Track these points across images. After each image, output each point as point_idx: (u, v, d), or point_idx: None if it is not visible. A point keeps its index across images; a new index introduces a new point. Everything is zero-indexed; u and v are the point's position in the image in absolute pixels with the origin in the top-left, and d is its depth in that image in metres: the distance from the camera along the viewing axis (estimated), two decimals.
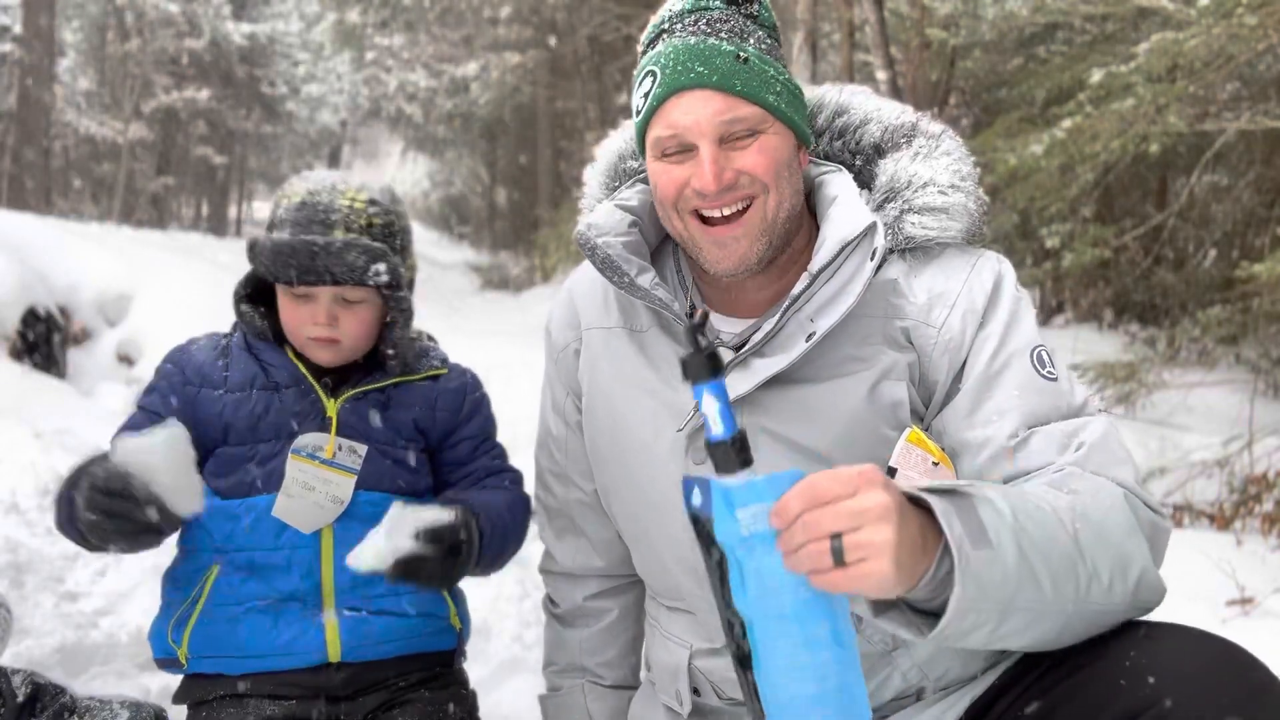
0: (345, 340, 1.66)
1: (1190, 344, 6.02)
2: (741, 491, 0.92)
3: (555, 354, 1.52)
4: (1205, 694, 0.97)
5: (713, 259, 1.28)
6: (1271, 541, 3.76)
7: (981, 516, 0.96)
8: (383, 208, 1.68)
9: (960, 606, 0.94)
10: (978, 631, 0.97)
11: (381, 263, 1.60)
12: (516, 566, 3.77)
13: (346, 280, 1.59)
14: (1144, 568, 1.07)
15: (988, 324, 1.25)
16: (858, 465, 0.92)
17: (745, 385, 1.25)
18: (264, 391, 1.69)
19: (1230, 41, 4.25)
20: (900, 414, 1.25)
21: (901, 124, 1.36)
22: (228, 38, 19.79)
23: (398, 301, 1.65)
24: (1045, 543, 0.99)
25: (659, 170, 1.29)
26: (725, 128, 1.23)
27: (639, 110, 1.30)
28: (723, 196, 1.24)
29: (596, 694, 1.59)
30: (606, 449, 1.43)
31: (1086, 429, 1.19)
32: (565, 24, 15.02)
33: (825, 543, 0.89)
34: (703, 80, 1.23)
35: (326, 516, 1.64)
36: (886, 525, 0.89)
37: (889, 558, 0.89)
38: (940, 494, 0.97)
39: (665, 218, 1.31)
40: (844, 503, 0.89)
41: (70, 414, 5.87)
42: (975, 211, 1.31)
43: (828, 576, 0.89)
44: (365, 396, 1.71)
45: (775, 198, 1.25)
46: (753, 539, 0.92)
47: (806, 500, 0.89)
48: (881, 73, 6.43)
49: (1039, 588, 0.98)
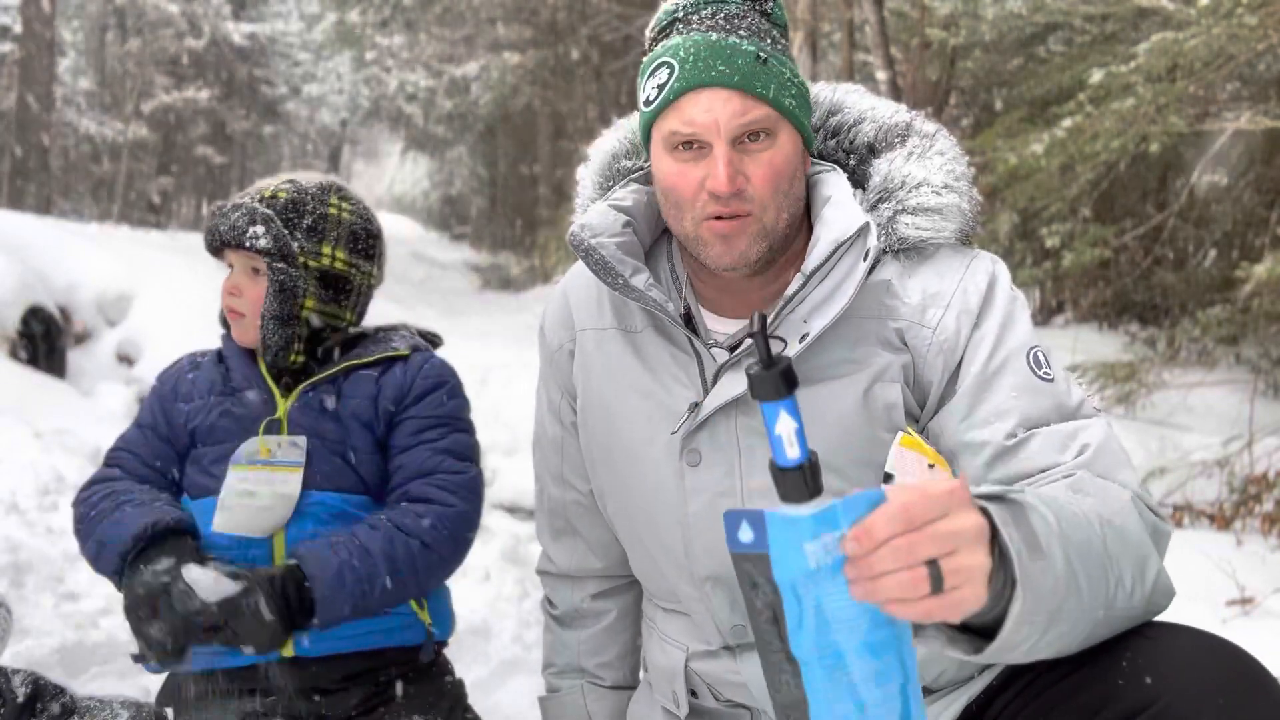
0: (248, 314, 1.69)
1: (1190, 344, 6.02)
2: (815, 522, 0.82)
3: (550, 355, 1.51)
4: (1202, 693, 0.97)
5: (716, 253, 1.26)
6: (1271, 541, 3.76)
7: (1033, 524, 0.94)
8: (298, 187, 1.72)
9: (1019, 619, 0.91)
10: (1024, 643, 0.94)
11: (260, 225, 1.64)
12: (516, 567, 3.78)
13: (230, 241, 1.66)
14: (1159, 570, 1.07)
15: (982, 325, 1.24)
16: (946, 483, 0.87)
17: (739, 387, 1.24)
18: (223, 397, 1.74)
19: (1230, 41, 4.24)
20: (894, 416, 1.24)
21: (895, 123, 1.35)
22: (228, 38, 19.79)
23: (276, 272, 1.65)
24: (1084, 549, 0.98)
25: (671, 169, 1.26)
26: (742, 129, 1.22)
27: (649, 101, 1.27)
28: (730, 203, 1.23)
29: (596, 695, 1.59)
30: (601, 451, 1.42)
31: (1087, 431, 1.18)
32: (565, 24, 15.02)
33: (921, 569, 0.82)
34: (724, 80, 1.21)
35: (277, 517, 1.64)
36: (981, 547, 0.86)
37: (983, 582, 0.86)
38: (993, 500, 0.94)
39: (675, 217, 1.29)
40: (937, 525, 0.83)
41: (70, 414, 5.86)
42: (969, 211, 1.30)
43: (919, 605, 0.82)
44: (315, 391, 1.71)
45: (774, 211, 1.24)
46: (820, 572, 0.82)
47: (900, 524, 0.82)
48: (881, 73, 6.43)
49: (1080, 595, 0.97)
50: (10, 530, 3.22)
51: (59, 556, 3.13)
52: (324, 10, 18.45)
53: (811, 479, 0.85)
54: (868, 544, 0.82)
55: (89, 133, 17.82)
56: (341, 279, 1.73)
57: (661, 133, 1.26)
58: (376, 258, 1.81)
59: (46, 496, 3.59)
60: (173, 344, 8.19)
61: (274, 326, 1.67)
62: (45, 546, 3.17)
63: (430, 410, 1.75)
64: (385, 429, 1.73)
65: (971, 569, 0.85)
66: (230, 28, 19.81)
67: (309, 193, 1.71)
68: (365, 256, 1.77)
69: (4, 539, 3.13)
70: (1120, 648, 1.04)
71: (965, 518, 0.85)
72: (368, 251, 1.77)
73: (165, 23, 18.27)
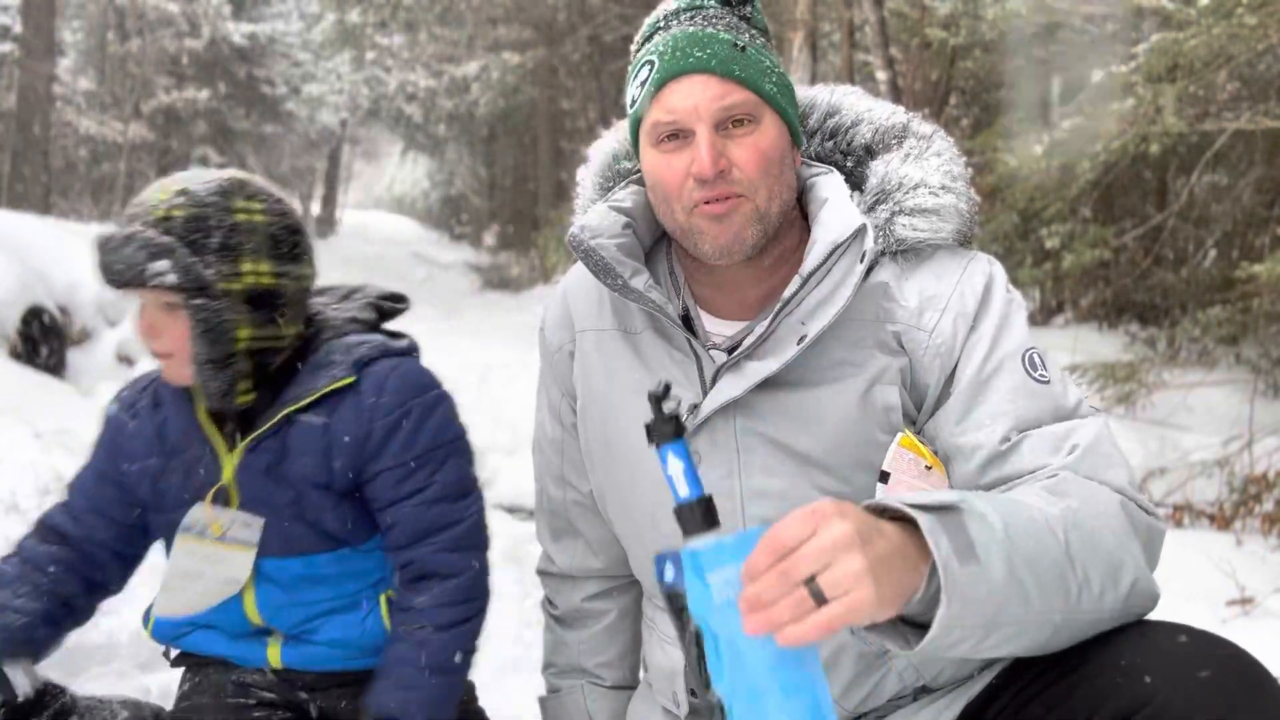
0: (175, 351, 1.44)
1: (1190, 344, 6.03)
2: (710, 554, 0.88)
3: (550, 355, 1.51)
4: (1201, 692, 0.97)
5: (710, 237, 1.25)
6: (1271, 541, 3.76)
7: (970, 531, 0.96)
8: (193, 198, 1.43)
9: (945, 623, 0.93)
10: (962, 644, 0.97)
11: (164, 260, 1.37)
12: (516, 567, 3.78)
13: (129, 281, 1.40)
14: (1137, 575, 1.07)
15: (979, 327, 1.25)
16: (809, 504, 0.91)
17: (737, 389, 1.24)
18: (163, 457, 1.56)
19: (1230, 41, 4.25)
20: (892, 418, 1.24)
21: (893, 125, 1.35)
22: (228, 38, 19.79)
23: (196, 310, 1.40)
24: (1035, 554, 0.99)
25: (657, 161, 1.27)
26: (723, 113, 1.22)
27: (634, 101, 1.29)
28: (717, 186, 1.23)
29: (596, 695, 1.59)
30: (600, 451, 1.42)
31: (1079, 431, 1.18)
32: (565, 24, 15.02)
33: (801, 590, 0.86)
34: (702, 65, 1.23)
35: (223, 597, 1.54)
36: (854, 552, 0.88)
37: (868, 583, 0.88)
38: (928, 509, 0.96)
39: (665, 211, 1.29)
40: (807, 545, 0.88)
41: (70, 414, 5.86)
42: (966, 212, 1.30)
43: (814, 621, 0.86)
44: (260, 446, 1.51)
45: (765, 193, 1.25)
46: (725, 606, 0.88)
47: (773, 552, 0.88)
48: (881, 73, 6.44)
49: (1026, 601, 0.98)
50: (10, 530, 3.22)
51: None
52: (324, 10, 18.44)
53: (704, 515, 0.91)
54: (756, 576, 0.87)
55: (89, 133, 17.82)
56: (271, 294, 1.47)
57: (646, 127, 1.27)
58: (304, 255, 1.53)
59: (46, 497, 3.59)
60: None
61: (210, 372, 1.44)
62: None
63: (403, 454, 1.53)
64: (352, 484, 1.54)
65: (851, 574, 0.88)
66: (230, 28, 19.80)
67: (208, 203, 1.43)
68: (292, 259, 1.50)
69: (4, 539, 3.12)
70: (1119, 646, 1.04)
71: (830, 530, 0.89)
72: (293, 252, 1.50)
73: (165, 23, 18.27)
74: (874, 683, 1.28)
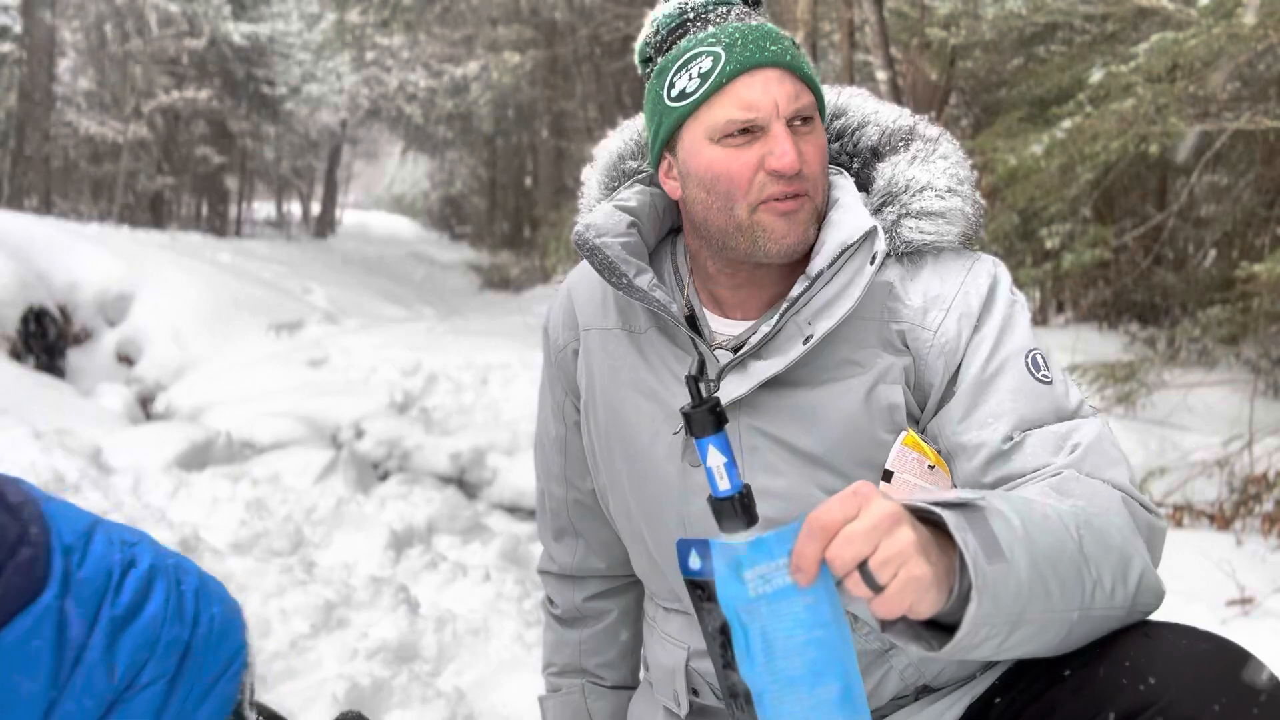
0: None
1: (1190, 344, 6.02)
2: (750, 551, 0.87)
3: (554, 354, 1.51)
4: (1204, 693, 0.97)
5: (778, 235, 1.24)
6: (1271, 541, 3.76)
7: (993, 529, 0.95)
8: None
9: (975, 622, 0.92)
10: (988, 644, 0.96)
11: None
12: (516, 567, 3.78)
13: None
14: (1144, 570, 1.07)
15: (982, 328, 1.25)
16: (849, 487, 0.90)
17: (742, 388, 1.25)
18: None
19: (1230, 41, 4.24)
20: (896, 417, 1.25)
21: (899, 127, 1.36)
22: (228, 38, 19.78)
23: None
24: (1053, 552, 0.99)
25: (721, 155, 1.24)
26: (797, 112, 1.23)
27: (686, 94, 1.25)
28: (794, 182, 1.23)
29: (597, 695, 1.59)
30: (604, 450, 1.42)
31: (1080, 431, 1.19)
32: (565, 24, 15.02)
33: (854, 575, 0.86)
34: (778, 59, 1.22)
35: None
36: (903, 528, 0.88)
37: (919, 559, 0.87)
38: (950, 507, 0.95)
39: (722, 208, 1.25)
40: (854, 525, 0.87)
41: (70, 414, 5.87)
42: (972, 215, 1.31)
43: (874, 606, 0.87)
44: None
45: (821, 193, 1.27)
46: (760, 600, 0.87)
47: (820, 536, 0.87)
48: (881, 73, 6.43)
49: (1048, 598, 0.98)
50: None
51: None
52: (324, 10, 18.46)
53: (743, 509, 0.90)
54: (809, 567, 0.86)
55: (89, 133, 17.81)
56: None
57: (707, 123, 1.24)
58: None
59: None
60: (172, 343, 8.21)
61: None
62: None
63: None
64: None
65: (901, 553, 0.87)
66: (230, 28, 19.80)
67: None
68: None
69: None
70: (1122, 647, 1.04)
71: (875, 510, 0.88)
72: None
73: (165, 23, 18.27)
74: (875, 682, 1.28)
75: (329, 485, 4.82)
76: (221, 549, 3.44)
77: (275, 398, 6.71)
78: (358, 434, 6.16)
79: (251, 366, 7.72)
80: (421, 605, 3.13)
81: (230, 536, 3.67)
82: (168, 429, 5.68)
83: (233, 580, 3.01)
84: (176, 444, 5.12)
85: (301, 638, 2.77)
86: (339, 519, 4.09)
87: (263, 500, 4.19)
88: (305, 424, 6.12)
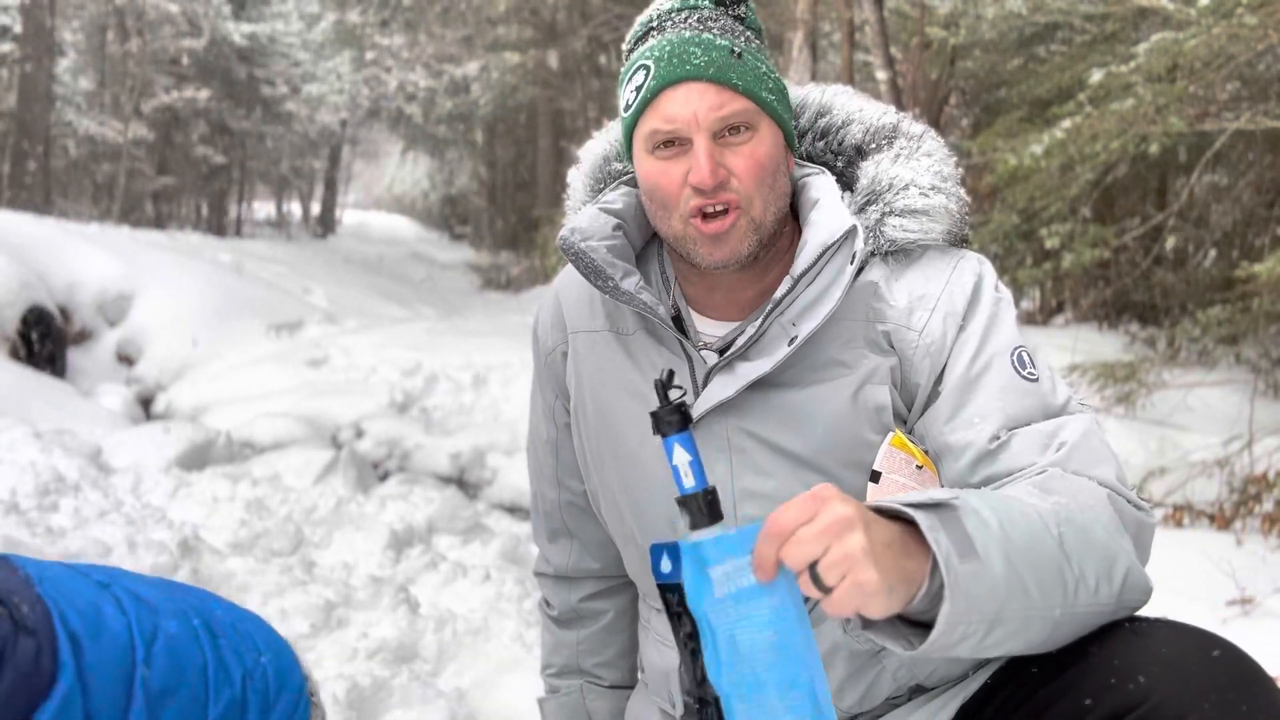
0: None
1: (1190, 344, 6.03)
2: (713, 548, 0.88)
3: (543, 357, 1.51)
4: (1196, 691, 0.96)
5: (705, 252, 1.26)
6: (1271, 541, 3.76)
7: (967, 528, 0.96)
8: None
9: (950, 621, 0.93)
10: (966, 642, 0.97)
11: None
12: (516, 567, 3.78)
13: None
14: (1129, 567, 1.07)
15: (967, 326, 1.25)
16: (808, 490, 0.91)
17: (729, 389, 1.24)
18: None
19: (1230, 41, 4.25)
20: (883, 418, 1.25)
21: (883, 125, 1.35)
22: (228, 37, 19.79)
23: None
24: (1031, 550, 0.99)
25: (654, 168, 1.26)
26: (721, 122, 1.22)
27: (629, 105, 1.28)
28: (716, 194, 1.23)
29: (595, 694, 1.59)
30: (594, 452, 1.42)
31: (1067, 428, 1.18)
32: (565, 24, 15.02)
33: (806, 576, 0.87)
34: (700, 72, 1.22)
35: None
36: (853, 533, 0.88)
37: (869, 564, 0.88)
38: (923, 507, 0.96)
39: (661, 217, 1.29)
40: (806, 528, 0.88)
41: (70, 414, 5.87)
42: (956, 212, 1.30)
43: (824, 606, 0.88)
44: None
45: (760, 203, 1.25)
46: (726, 601, 0.88)
47: (775, 537, 0.88)
48: (881, 73, 6.44)
49: (1027, 596, 0.98)
50: (10, 530, 3.22)
51: (59, 556, 3.13)
52: (324, 10, 18.47)
53: (708, 507, 0.91)
54: (767, 567, 0.88)
55: (89, 133, 17.82)
56: None
57: (642, 134, 1.27)
58: None
59: (46, 497, 3.59)
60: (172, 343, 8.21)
61: None
62: (45, 546, 3.17)
63: None
64: None
65: (850, 557, 0.87)
66: (230, 28, 19.81)
67: None
68: None
69: (4, 539, 3.12)
70: (1113, 645, 1.04)
71: (828, 513, 0.89)
72: None
73: (165, 22, 18.27)
74: (868, 683, 1.28)
75: (329, 485, 4.82)
76: (221, 549, 3.44)
77: (275, 398, 6.71)
78: (358, 434, 6.16)
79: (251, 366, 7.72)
80: (421, 605, 3.13)
81: (230, 536, 3.67)
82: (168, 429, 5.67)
83: (233, 580, 3.01)
84: (177, 444, 5.12)
85: (301, 638, 2.77)
86: (339, 519, 4.09)
87: (263, 500, 4.19)
88: (305, 424, 6.12)
